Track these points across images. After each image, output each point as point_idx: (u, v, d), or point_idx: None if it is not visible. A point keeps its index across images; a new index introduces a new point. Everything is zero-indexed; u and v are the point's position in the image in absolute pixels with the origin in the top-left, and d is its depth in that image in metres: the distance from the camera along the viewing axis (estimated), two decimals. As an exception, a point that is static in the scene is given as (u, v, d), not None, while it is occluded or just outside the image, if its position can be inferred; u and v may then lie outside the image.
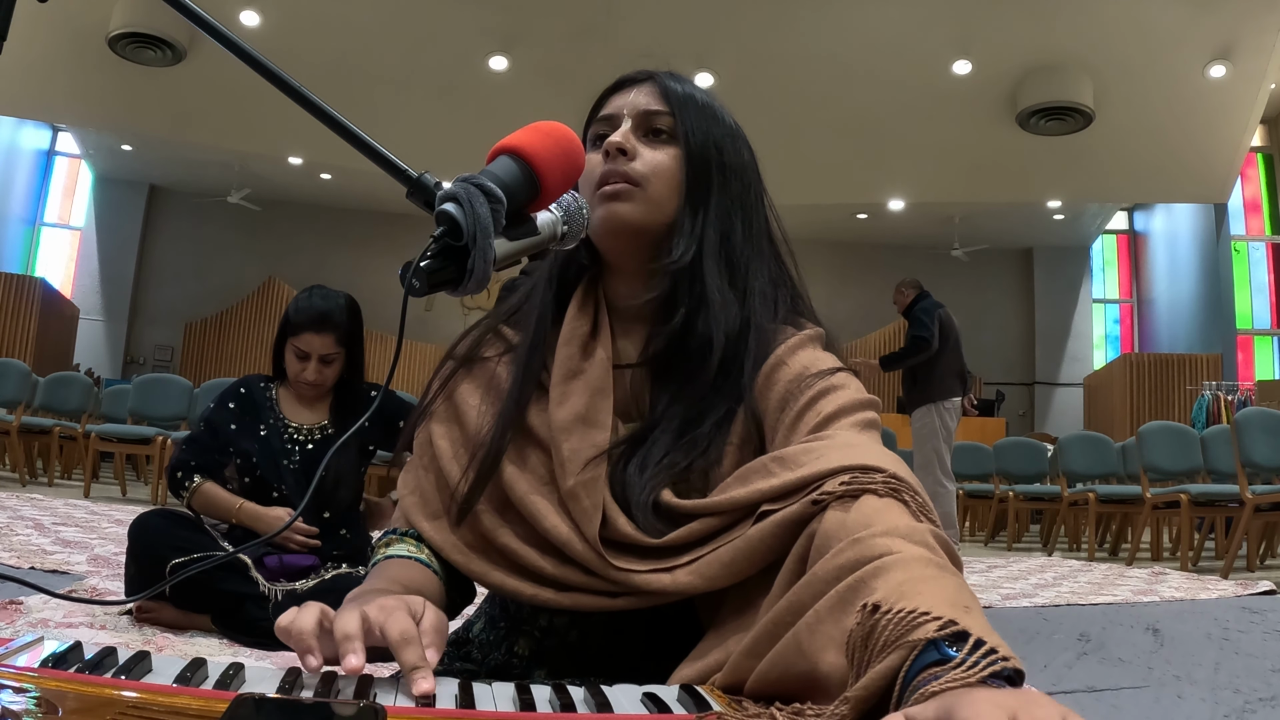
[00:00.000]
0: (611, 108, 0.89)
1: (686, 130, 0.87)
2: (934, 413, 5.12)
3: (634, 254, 0.87)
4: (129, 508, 4.80)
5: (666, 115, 0.87)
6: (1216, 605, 3.07)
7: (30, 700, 0.46)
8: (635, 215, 0.84)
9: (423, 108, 9.92)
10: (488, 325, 0.92)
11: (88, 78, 9.57)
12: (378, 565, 0.81)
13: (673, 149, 0.87)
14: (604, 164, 0.85)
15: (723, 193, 0.87)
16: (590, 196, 0.85)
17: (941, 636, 0.46)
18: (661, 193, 0.85)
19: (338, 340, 2.05)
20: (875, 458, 0.67)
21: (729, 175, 0.88)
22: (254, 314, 13.23)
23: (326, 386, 2.11)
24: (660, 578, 0.71)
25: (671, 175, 0.86)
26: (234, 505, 1.99)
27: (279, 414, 2.08)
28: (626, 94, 0.89)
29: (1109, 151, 10.01)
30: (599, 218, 0.84)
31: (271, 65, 0.69)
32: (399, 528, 0.85)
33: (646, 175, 0.85)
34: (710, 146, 0.87)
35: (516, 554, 0.77)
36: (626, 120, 0.87)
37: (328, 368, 2.07)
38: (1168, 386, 11.37)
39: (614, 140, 0.85)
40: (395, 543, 0.83)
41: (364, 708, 0.49)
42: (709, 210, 0.86)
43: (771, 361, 0.82)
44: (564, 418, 0.80)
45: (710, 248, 0.85)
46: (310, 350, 2.03)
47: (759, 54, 9.32)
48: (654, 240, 0.86)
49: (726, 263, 0.86)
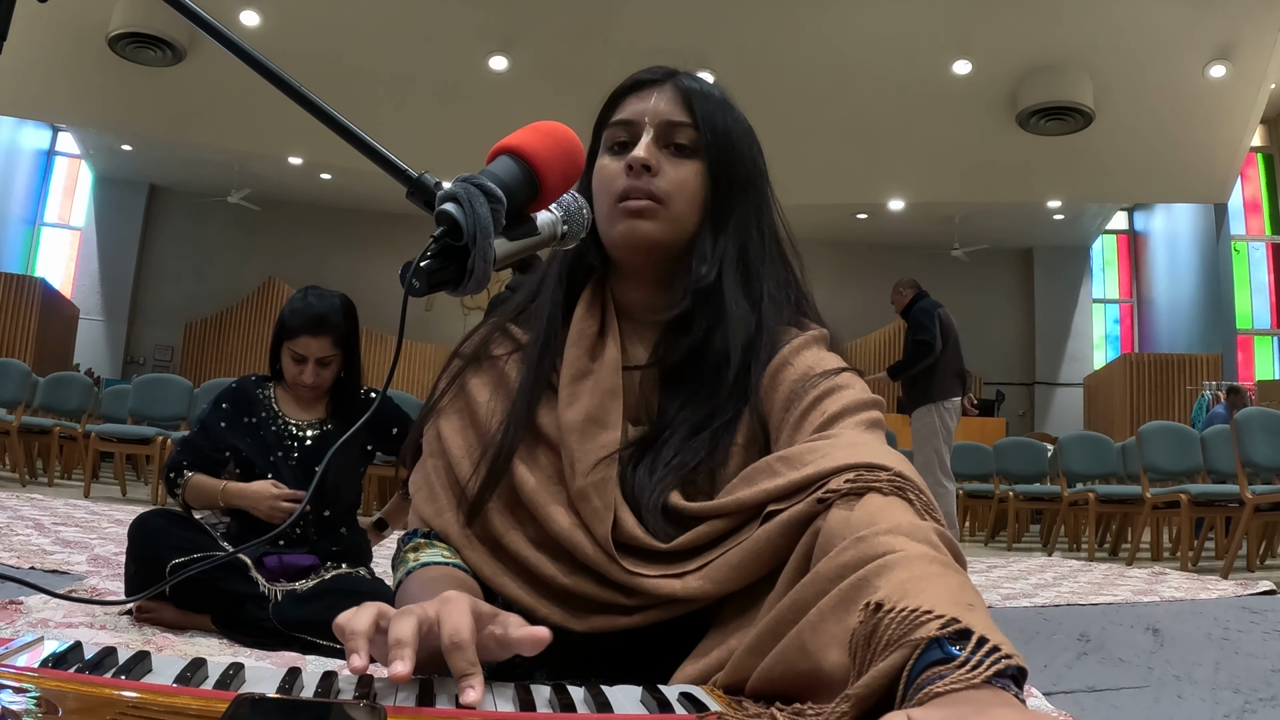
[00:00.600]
0: (631, 112, 0.87)
1: (710, 145, 0.86)
2: (934, 413, 5.12)
3: (649, 266, 0.87)
4: (129, 508, 4.80)
5: (689, 128, 0.86)
6: (1216, 605, 3.07)
7: (30, 700, 0.46)
8: (658, 233, 0.84)
9: (423, 108, 9.92)
10: (495, 323, 0.92)
11: (88, 78, 9.57)
12: (415, 573, 0.78)
13: (695, 164, 0.86)
14: (626, 177, 0.84)
15: (742, 205, 0.87)
16: (609, 206, 0.85)
17: (944, 635, 0.46)
18: (684, 210, 0.85)
19: (334, 342, 2.04)
20: (880, 456, 0.67)
21: (748, 186, 0.88)
22: (254, 314, 13.24)
23: (324, 388, 2.11)
24: (671, 583, 0.71)
25: (694, 191, 0.85)
26: (218, 488, 1.99)
27: (276, 412, 2.08)
28: (646, 98, 0.87)
29: (1109, 151, 10.01)
30: (620, 233, 0.84)
31: (271, 65, 0.69)
32: (418, 529, 0.84)
33: (670, 193, 0.84)
34: (732, 161, 0.87)
35: (527, 561, 0.77)
36: (648, 130, 0.85)
37: (325, 369, 2.06)
38: (1168, 386, 11.38)
39: (639, 156, 0.83)
40: (424, 548, 0.81)
41: (364, 708, 0.49)
42: (729, 226, 0.86)
43: (776, 362, 0.82)
44: (573, 418, 0.80)
45: (730, 264, 0.85)
46: (307, 354, 2.03)
47: (759, 54, 9.32)
48: (673, 254, 0.86)
49: (743, 273, 0.86)
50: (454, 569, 0.79)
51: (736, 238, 0.86)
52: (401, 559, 0.82)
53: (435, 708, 0.52)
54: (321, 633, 1.84)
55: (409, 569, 0.80)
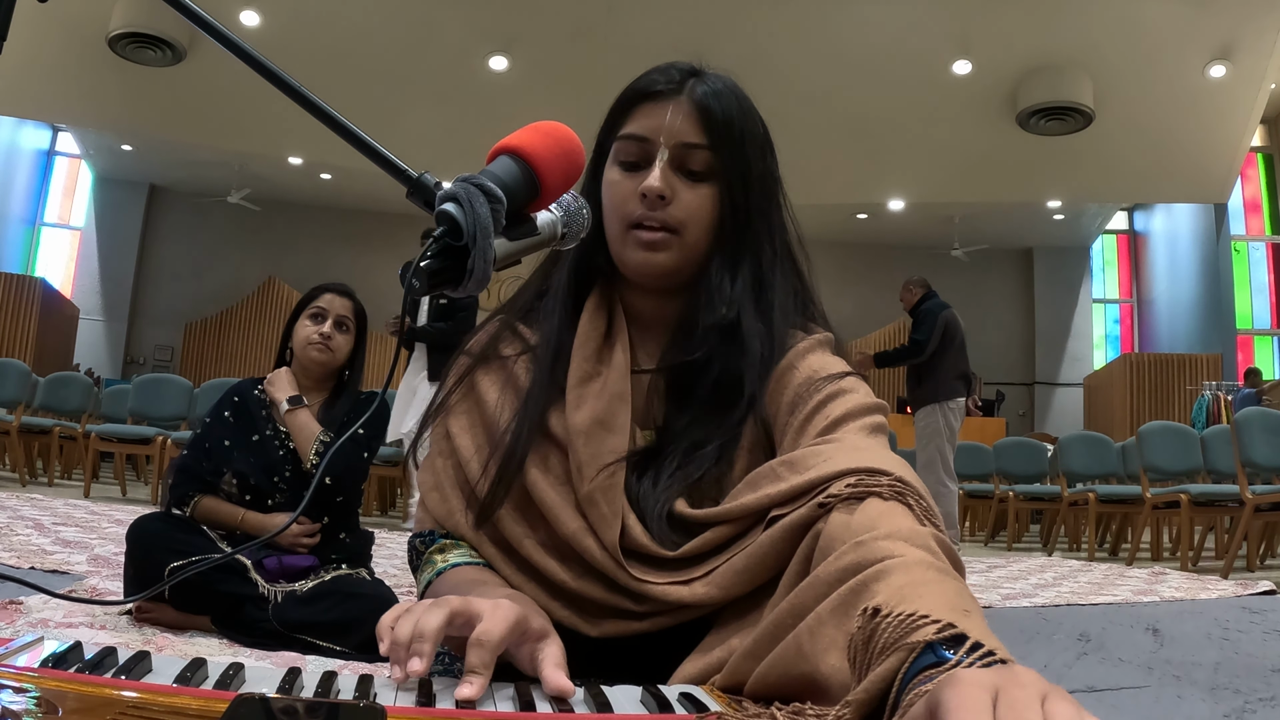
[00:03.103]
0: (644, 128, 0.84)
1: (726, 168, 0.84)
2: (938, 413, 5.12)
3: (660, 284, 0.87)
4: (129, 508, 4.80)
5: (705, 151, 0.84)
6: (1216, 605, 3.07)
7: (30, 700, 0.46)
8: (672, 263, 0.84)
9: (423, 108, 9.92)
10: (504, 321, 0.91)
11: (88, 78, 9.58)
12: (447, 574, 0.79)
13: (709, 187, 0.84)
14: (639, 204, 0.83)
15: (759, 223, 0.87)
16: (620, 228, 0.84)
17: (939, 639, 0.46)
18: (698, 236, 0.84)
19: (354, 310, 2.09)
20: (881, 461, 0.67)
21: (762, 201, 0.87)
22: (254, 314, 13.24)
23: (334, 362, 2.08)
24: (679, 590, 0.71)
25: (708, 217, 0.84)
26: (237, 516, 1.99)
27: (273, 421, 2.07)
28: (661, 111, 0.84)
29: (1109, 151, 10.01)
30: (634, 261, 0.83)
31: (271, 65, 0.69)
32: (435, 530, 0.83)
33: (685, 221, 0.83)
34: (748, 180, 0.85)
35: (539, 565, 0.77)
36: (663, 151, 0.83)
37: (340, 336, 2.07)
38: (1168, 386, 11.38)
39: (653, 186, 0.82)
40: (450, 549, 0.81)
41: (364, 708, 0.49)
42: (743, 248, 0.85)
43: (781, 366, 0.82)
44: (580, 422, 0.79)
45: (747, 293, 0.84)
46: (329, 309, 2.06)
47: (759, 54, 9.32)
48: (685, 278, 0.86)
49: (756, 287, 0.85)
50: (486, 568, 0.79)
51: (751, 260, 0.86)
52: (428, 560, 0.82)
53: (435, 708, 0.52)
54: (321, 633, 1.83)
55: (439, 570, 0.80)
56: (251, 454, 2.02)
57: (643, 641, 0.75)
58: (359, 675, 0.57)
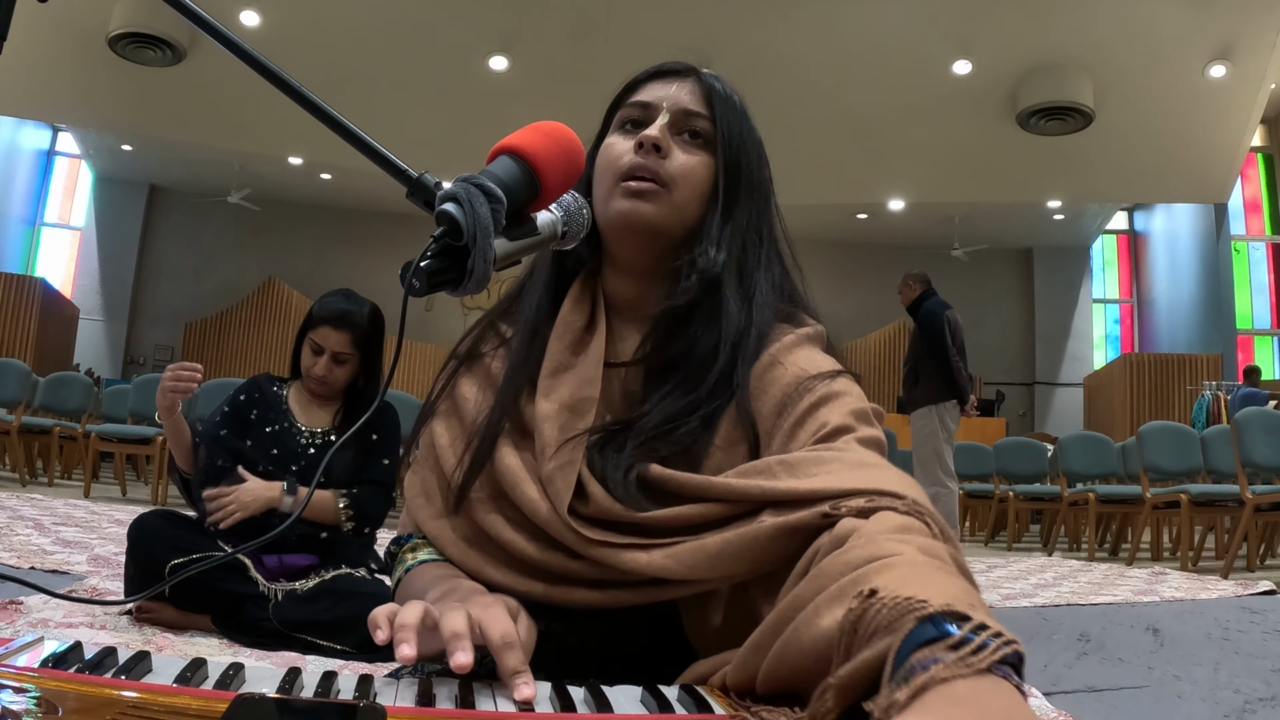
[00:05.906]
0: (649, 95, 0.86)
1: (724, 140, 0.85)
2: (934, 414, 5.12)
3: (642, 255, 0.85)
4: (129, 508, 4.80)
5: (706, 119, 0.85)
6: (1216, 605, 3.07)
7: (30, 700, 0.46)
8: (656, 217, 0.82)
9: (423, 108, 9.92)
10: (486, 322, 0.92)
11: (88, 78, 9.58)
12: (415, 570, 0.80)
13: (705, 155, 0.85)
14: (633, 155, 0.82)
15: (746, 206, 0.86)
16: (610, 183, 0.84)
17: (940, 613, 0.42)
18: (687, 198, 0.83)
19: (353, 341, 2.06)
20: (894, 483, 0.65)
21: (754, 191, 0.87)
22: (254, 314, 13.24)
23: (335, 387, 2.10)
24: (636, 555, 0.69)
25: (700, 182, 0.84)
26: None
27: (289, 415, 2.09)
28: (667, 85, 0.87)
29: (1109, 151, 10.02)
30: (617, 211, 0.82)
31: (271, 65, 0.69)
32: (412, 533, 0.84)
33: (675, 178, 0.83)
34: (743, 160, 0.86)
35: (506, 542, 0.77)
36: (664, 114, 0.84)
37: (339, 367, 2.07)
38: (1168, 386, 11.38)
39: (651, 135, 0.82)
40: (420, 548, 0.82)
41: (364, 708, 0.49)
42: (732, 222, 0.85)
43: (765, 360, 0.80)
44: (548, 409, 0.79)
45: (732, 258, 0.84)
46: (325, 345, 2.05)
47: (759, 54, 9.32)
48: (667, 245, 0.84)
49: (739, 271, 0.85)
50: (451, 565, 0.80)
51: (738, 237, 0.85)
52: (400, 559, 0.83)
53: (435, 708, 0.52)
54: (322, 632, 1.84)
55: (408, 566, 0.81)
56: (263, 445, 2.04)
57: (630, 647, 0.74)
58: (359, 675, 0.57)
